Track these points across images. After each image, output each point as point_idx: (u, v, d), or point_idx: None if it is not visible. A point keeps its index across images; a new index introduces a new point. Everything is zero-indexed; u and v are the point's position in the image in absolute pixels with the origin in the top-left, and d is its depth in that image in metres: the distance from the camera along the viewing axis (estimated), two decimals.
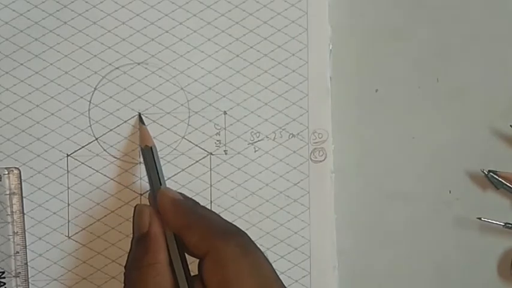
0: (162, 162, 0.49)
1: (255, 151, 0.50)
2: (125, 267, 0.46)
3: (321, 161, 0.50)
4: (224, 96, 0.50)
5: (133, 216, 0.46)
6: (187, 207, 0.44)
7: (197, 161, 0.50)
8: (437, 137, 0.51)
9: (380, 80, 0.51)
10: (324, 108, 0.50)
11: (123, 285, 0.49)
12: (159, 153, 0.49)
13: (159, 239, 0.43)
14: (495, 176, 0.49)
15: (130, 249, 0.46)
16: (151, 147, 0.47)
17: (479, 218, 0.49)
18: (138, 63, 0.50)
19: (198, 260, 0.42)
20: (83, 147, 0.50)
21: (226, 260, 0.40)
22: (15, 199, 0.49)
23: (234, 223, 0.45)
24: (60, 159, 0.49)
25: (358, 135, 0.51)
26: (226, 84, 0.50)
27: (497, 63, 0.51)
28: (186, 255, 0.43)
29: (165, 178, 0.48)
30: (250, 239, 0.42)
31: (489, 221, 0.49)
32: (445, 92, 0.51)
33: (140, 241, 0.43)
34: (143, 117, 0.49)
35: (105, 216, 0.49)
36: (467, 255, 0.50)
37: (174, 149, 0.50)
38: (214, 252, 0.40)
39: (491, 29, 0.51)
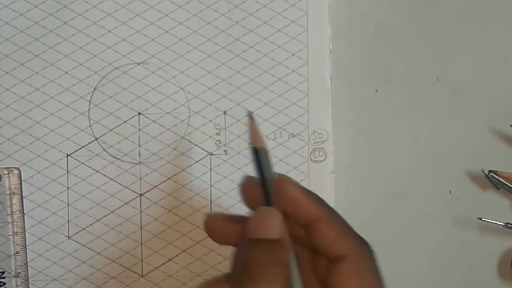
0: (162, 162, 0.49)
1: None
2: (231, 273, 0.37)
3: (321, 161, 0.50)
4: (224, 96, 0.50)
5: (252, 216, 0.36)
6: (319, 198, 0.37)
7: (197, 161, 0.50)
8: (437, 137, 0.51)
9: (380, 80, 0.51)
10: (324, 108, 0.50)
11: (123, 285, 0.49)
12: (159, 153, 0.49)
13: (288, 251, 0.35)
14: (495, 176, 0.49)
15: (243, 252, 0.36)
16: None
17: (480, 218, 0.49)
18: (138, 63, 0.50)
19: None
20: (83, 147, 0.50)
21: (368, 271, 0.35)
22: (15, 199, 0.49)
23: None
24: (60, 159, 0.50)
25: (358, 135, 0.51)
26: (226, 84, 0.50)
27: (497, 63, 0.51)
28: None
29: (165, 178, 0.48)
30: None
31: (489, 221, 0.49)
32: (445, 92, 0.51)
33: (265, 246, 0.35)
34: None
35: (105, 216, 0.49)
36: (467, 255, 0.50)
37: (174, 149, 0.50)
38: (354, 258, 0.35)
39: (491, 29, 0.51)
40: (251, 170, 0.49)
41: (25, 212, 0.49)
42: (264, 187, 0.36)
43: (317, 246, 0.36)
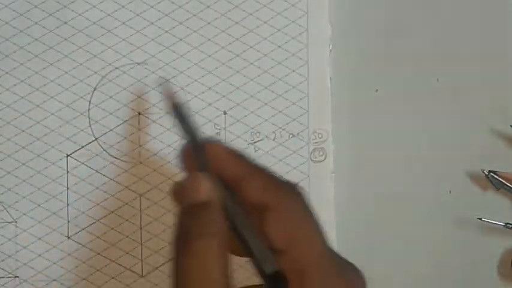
0: (162, 162, 0.49)
1: (255, 151, 0.50)
2: (173, 243, 0.38)
3: (321, 161, 0.50)
4: (224, 96, 0.50)
5: (177, 185, 0.37)
6: (244, 156, 0.38)
7: None
8: (437, 137, 0.51)
9: (380, 80, 0.51)
10: (324, 108, 0.50)
11: (123, 285, 0.49)
12: (159, 152, 0.49)
13: (220, 212, 0.37)
14: (495, 176, 0.49)
15: (179, 222, 0.37)
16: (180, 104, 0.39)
17: (480, 218, 0.49)
18: (138, 63, 0.50)
19: None
20: (82, 147, 0.50)
21: (296, 210, 0.37)
22: None
23: None
24: (60, 159, 0.49)
25: (358, 135, 0.51)
26: (226, 84, 0.50)
27: (497, 63, 0.51)
28: None
29: (165, 178, 0.48)
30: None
31: (489, 221, 0.49)
32: (445, 92, 0.51)
33: (199, 209, 0.36)
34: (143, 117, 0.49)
35: (104, 216, 0.49)
36: (467, 255, 0.50)
37: (174, 149, 0.50)
38: (282, 203, 0.37)
39: (491, 29, 0.51)
40: None
41: (25, 212, 0.49)
42: (194, 150, 0.37)
43: (247, 203, 0.37)
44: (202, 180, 0.36)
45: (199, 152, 0.37)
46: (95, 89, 0.50)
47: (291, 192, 0.37)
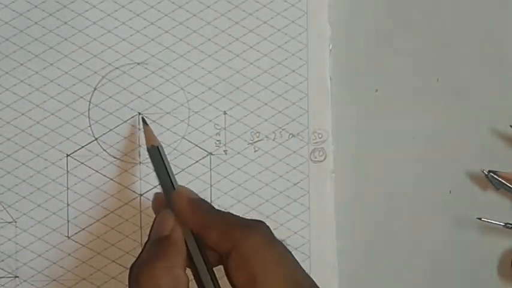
0: None
1: (255, 151, 0.50)
2: (132, 266, 0.42)
3: (321, 161, 0.50)
4: (224, 96, 0.50)
5: (155, 219, 0.43)
6: (205, 206, 0.42)
7: (197, 161, 0.50)
8: (437, 137, 0.51)
9: (380, 80, 0.51)
10: (324, 108, 0.50)
11: (123, 285, 0.49)
12: None
13: (179, 245, 0.41)
14: (495, 176, 0.49)
15: (142, 250, 0.43)
16: (157, 147, 0.45)
17: (479, 218, 0.49)
18: (138, 63, 0.50)
19: None
20: (82, 147, 0.50)
21: (252, 252, 0.39)
22: None
23: None
24: (60, 159, 0.49)
25: (358, 135, 0.51)
26: (226, 84, 0.50)
27: (497, 63, 0.51)
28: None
29: None
30: (270, 229, 0.41)
31: (489, 221, 0.49)
32: (445, 92, 0.51)
33: (158, 243, 0.42)
34: (145, 118, 0.49)
35: (104, 216, 0.49)
36: (467, 255, 0.50)
37: (174, 149, 0.50)
38: (237, 247, 0.39)
39: (491, 29, 0.51)
40: (251, 170, 0.50)
41: (25, 212, 0.49)
42: (165, 194, 0.43)
43: (211, 249, 0.41)
44: (168, 218, 0.42)
45: (168, 197, 0.42)
46: (95, 89, 0.50)
47: (247, 232, 0.40)
